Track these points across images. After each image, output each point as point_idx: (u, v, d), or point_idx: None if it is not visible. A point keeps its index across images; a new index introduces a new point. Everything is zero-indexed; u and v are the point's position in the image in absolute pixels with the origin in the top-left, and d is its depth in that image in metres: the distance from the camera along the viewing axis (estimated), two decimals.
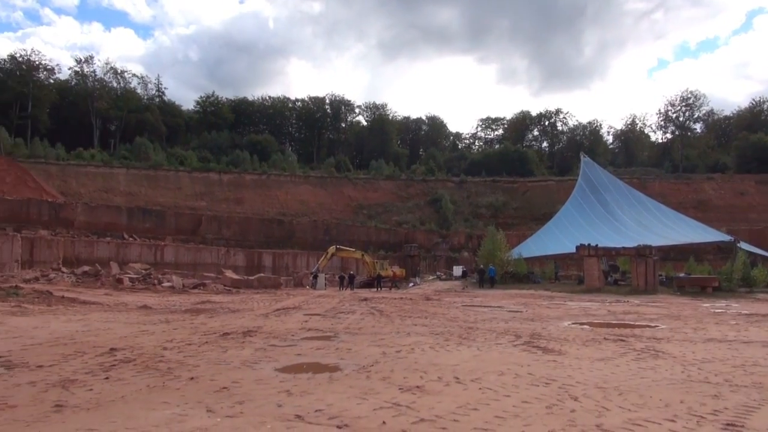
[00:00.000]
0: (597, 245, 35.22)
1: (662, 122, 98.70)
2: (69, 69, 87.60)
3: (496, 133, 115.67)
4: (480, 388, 6.63)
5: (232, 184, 70.49)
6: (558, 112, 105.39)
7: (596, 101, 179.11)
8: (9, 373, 7.19)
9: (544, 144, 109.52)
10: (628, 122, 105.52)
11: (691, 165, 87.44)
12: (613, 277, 37.16)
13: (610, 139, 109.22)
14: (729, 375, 7.64)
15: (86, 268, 34.56)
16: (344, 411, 5.49)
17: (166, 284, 31.05)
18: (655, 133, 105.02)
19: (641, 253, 32.97)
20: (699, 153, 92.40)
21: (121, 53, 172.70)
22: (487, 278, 38.03)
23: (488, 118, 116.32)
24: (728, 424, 5.24)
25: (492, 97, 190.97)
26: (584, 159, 60.90)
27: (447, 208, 72.20)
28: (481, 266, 41.03)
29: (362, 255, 44.56)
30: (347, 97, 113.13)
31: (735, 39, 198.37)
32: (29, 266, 35.58)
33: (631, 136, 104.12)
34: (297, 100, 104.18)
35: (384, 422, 5.14)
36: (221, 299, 24.09)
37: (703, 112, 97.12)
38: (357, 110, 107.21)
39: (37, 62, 78.57)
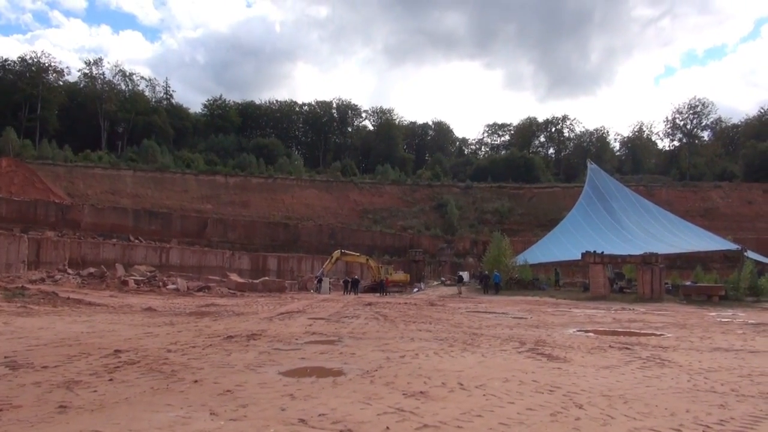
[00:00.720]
0: (603, 252, 35.11)
1: (669, 130, 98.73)
2: (78, 71, 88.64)
3: (502, 138, 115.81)
4: (484, 395, 6.60)
5: (238, 188, 70.67)
6: (565, 118, 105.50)
7: (603, 108, 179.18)
8: (14, 373, 7.21)
9: (551, 150, 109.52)
10: (635, 129, 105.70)
11: (699, 173, 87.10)
12: (619, 284, 37.00)
13: (616, 146, 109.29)
14: (735, 384, 7.58)
15: (92, 269, 34.72)
16: (348, 416, 5.48)
17: (170, 286, 31.14)
18: (662, 140, 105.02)
19: (647, 260, 32.82)
20: (706, 161, 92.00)
21: (128, 56, 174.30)
22: (491, 284, 37.94)
23: (494, 124, 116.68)
24: None
25: (498, 103, 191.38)
26: (591, 166, 60.70)
27: (452, 214, 72.15)
28: (485, 272, 40.98)
29: (367, 259, 44.61)
30: (354, 101, 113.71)
31: (743, 47, 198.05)
32: (35, 267, 35.77)
33: (638, 143, 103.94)
34: (304, 104, 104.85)
35: (387, 427, 5.13)
36: (226, 302, 24.12)
37: (711, 119, 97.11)
38: (363, 115, 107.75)
39: (46, 64, 79.39)
